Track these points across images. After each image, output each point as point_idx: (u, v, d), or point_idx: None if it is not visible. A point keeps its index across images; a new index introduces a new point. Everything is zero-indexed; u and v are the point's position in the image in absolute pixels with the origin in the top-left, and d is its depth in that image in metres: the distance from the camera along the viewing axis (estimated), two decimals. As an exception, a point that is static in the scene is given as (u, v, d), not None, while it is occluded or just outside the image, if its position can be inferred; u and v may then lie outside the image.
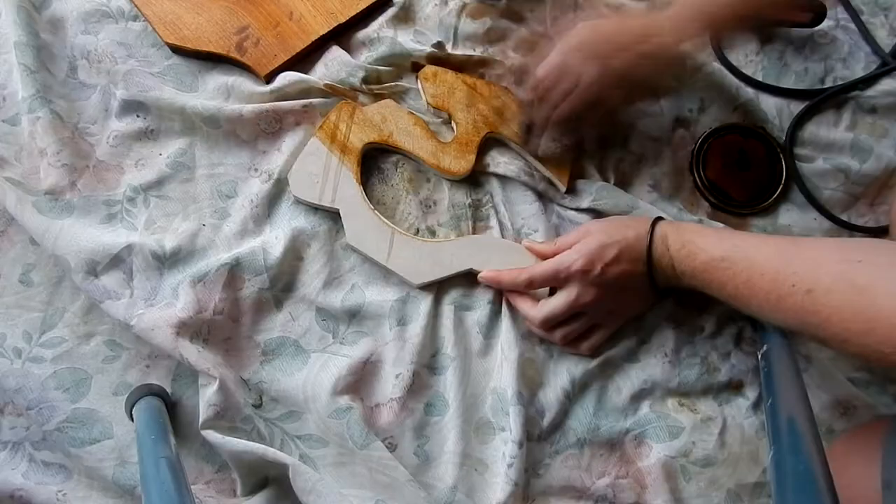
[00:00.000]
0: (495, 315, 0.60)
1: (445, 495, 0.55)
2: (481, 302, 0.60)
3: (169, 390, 0.57)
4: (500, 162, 0.64)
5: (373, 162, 0.64)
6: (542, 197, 0.64)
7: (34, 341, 0.57)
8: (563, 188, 0.63)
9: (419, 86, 0.65)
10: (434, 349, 0.59)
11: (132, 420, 0.54)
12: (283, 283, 0.59)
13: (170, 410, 0.56)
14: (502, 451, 0.56)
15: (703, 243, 0.52)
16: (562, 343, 0.59)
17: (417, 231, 0.62)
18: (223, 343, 0.57)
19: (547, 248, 0.59)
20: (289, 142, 0.62)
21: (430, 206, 0.63)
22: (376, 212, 0.61)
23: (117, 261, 0.57)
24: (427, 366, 0.59)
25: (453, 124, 0.64)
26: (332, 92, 0.63)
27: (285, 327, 0.59)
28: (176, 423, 0.56)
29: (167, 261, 0.58)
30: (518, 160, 0.64)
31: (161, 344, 0.54)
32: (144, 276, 0.57)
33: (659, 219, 0.56)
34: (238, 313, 0.58)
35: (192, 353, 0.54)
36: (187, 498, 0.44)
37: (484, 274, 0.59)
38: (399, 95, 0.65)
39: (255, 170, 0.62)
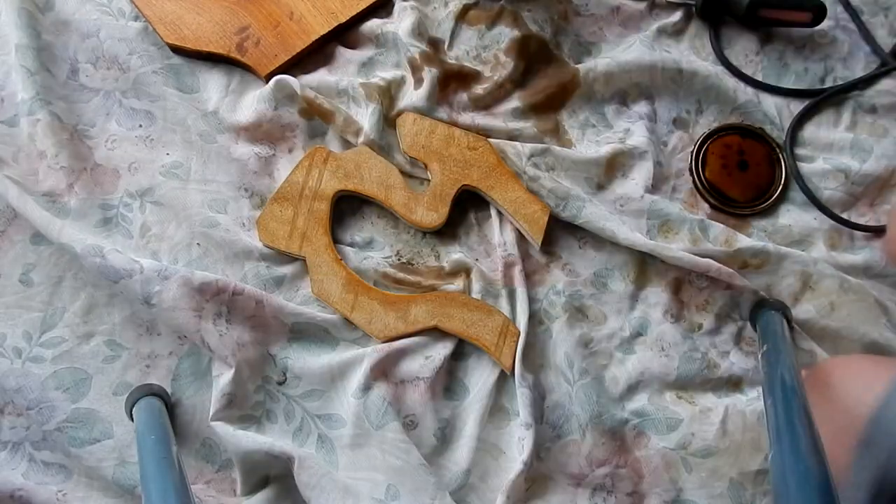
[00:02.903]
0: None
1: (459, 478, 0.55)
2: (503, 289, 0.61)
3: (169, 390, 0.57)
4: (473, 216, 0.64)
5: (347, 203, 0.64)
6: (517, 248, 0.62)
7: (34, 341, 0.57)
8: (537, 245, 0.62)
9: (396, 133, 0.64)
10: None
11: (132, 420, 0.54)
12: (295, 285, 0.61)
13: (170, 410, 0.56)
14: (517, 436, 0.57)
15: None
16: None
17: (385, 276, 0.61)
18: (248, 320, 0.57)
19: None
20: (280, 167, 0.64)
21: (400, 256, 0.63)
22: (343, 262, 0.60)
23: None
24: (453, 351, 0.59)
25: (429, 174, 0.63)
26: (312, 109, 0.63)
27: (314, 312, 0.59)
28: (176, 423, 0.56)
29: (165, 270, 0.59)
30: (493, 211, 0.63)
31: (182, 325, 0.55)
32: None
33: None
34: (260, 294, 0.58)
35: (214, 336, 0.55)
36: (187, 498, 0.44)
37: None
38: (390, 96, 0.65)
39: (246, 190, 0.63)
